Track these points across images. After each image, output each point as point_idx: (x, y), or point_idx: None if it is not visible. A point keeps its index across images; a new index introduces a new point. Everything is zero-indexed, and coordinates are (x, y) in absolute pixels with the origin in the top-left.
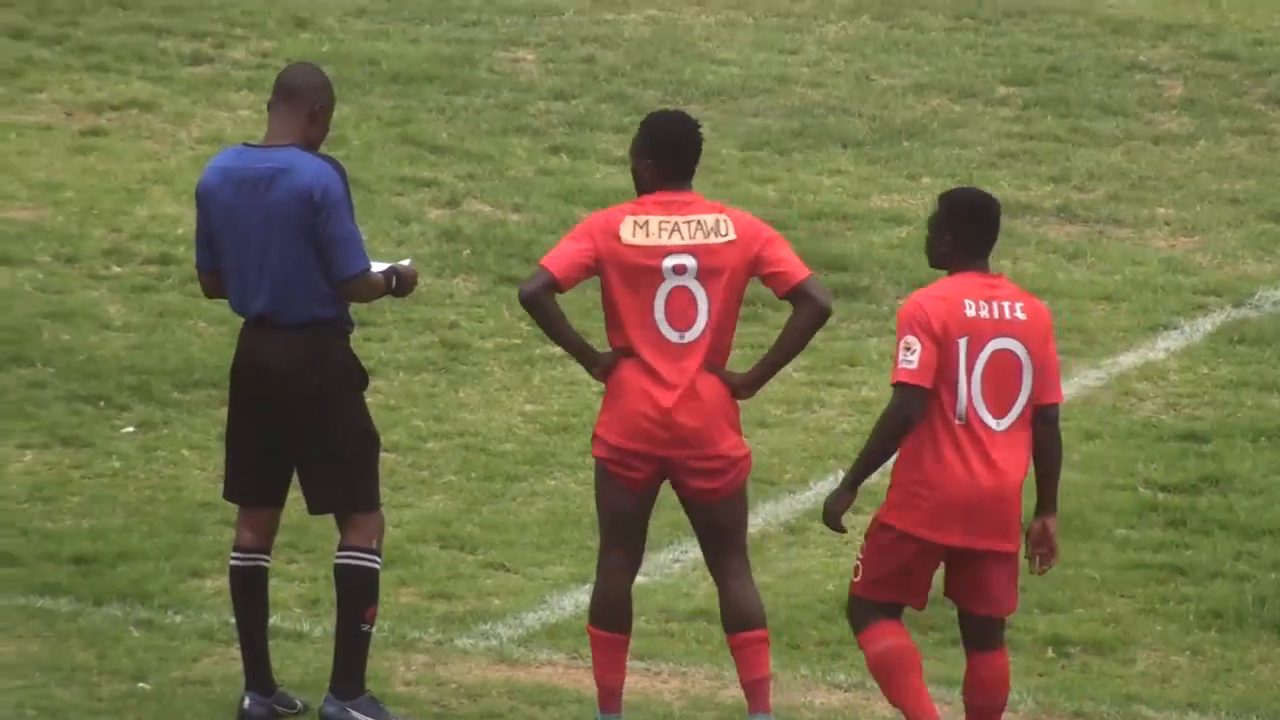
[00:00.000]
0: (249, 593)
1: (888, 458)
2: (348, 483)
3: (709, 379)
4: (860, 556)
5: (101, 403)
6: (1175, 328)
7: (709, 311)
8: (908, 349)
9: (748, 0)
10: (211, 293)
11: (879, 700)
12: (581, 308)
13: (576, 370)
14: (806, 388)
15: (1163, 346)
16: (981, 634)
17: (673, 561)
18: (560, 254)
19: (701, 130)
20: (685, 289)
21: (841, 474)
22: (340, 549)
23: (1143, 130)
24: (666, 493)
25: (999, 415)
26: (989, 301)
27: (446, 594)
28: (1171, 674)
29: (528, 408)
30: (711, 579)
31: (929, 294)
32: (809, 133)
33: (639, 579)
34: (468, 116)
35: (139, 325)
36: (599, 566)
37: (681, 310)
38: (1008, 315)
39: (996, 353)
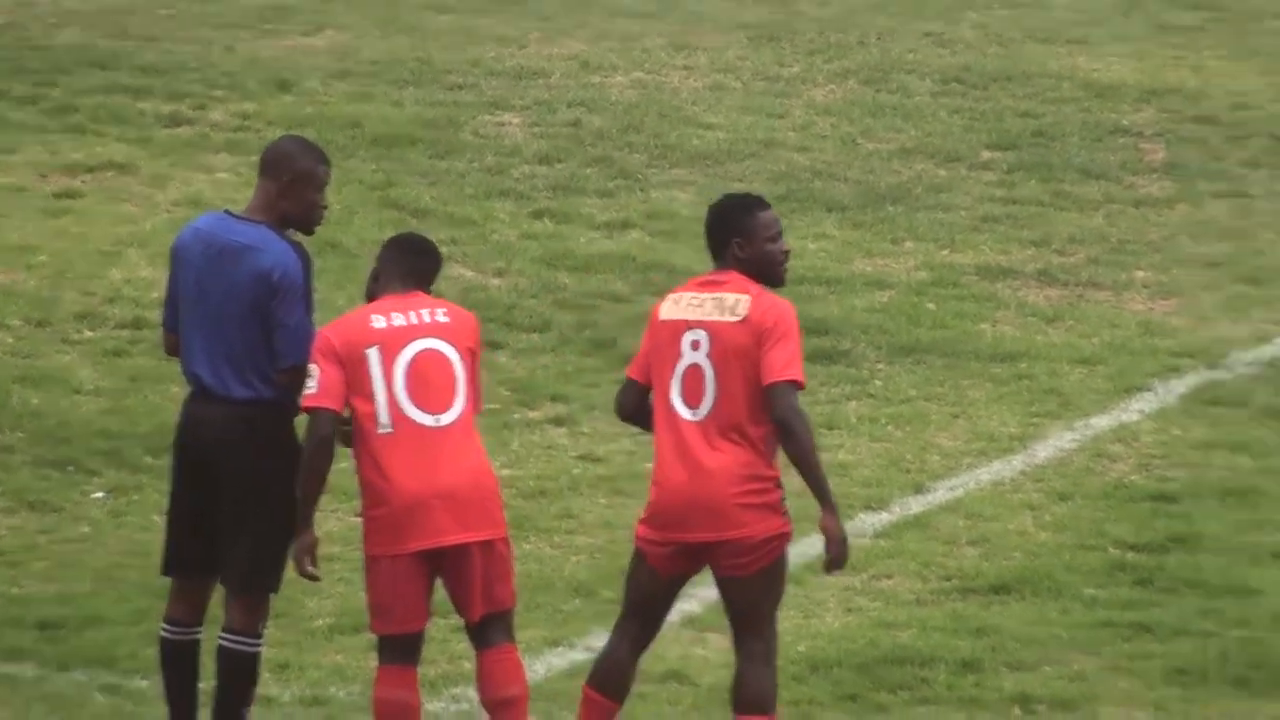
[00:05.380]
0: (180, 667)
1: (319, 483)
2: (254, 563)
3: (720, 455)
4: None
5: (71, 467)
6: (1149, 390)
7: (716, 390)
8: (310, 376)
9: (735, 64)
10: (171, 351)
11: None
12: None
13: (554, 435)
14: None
15: (1137, 408)
16: (484, 632)
17: None
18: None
19: (719, 212)
20: (698, 365)
21: (815, 536)
22: (224, 630)
23: (1124, 194)
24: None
25: (436, 411)
26: (405, 311)
27: None
28: None
29: (505, 472)
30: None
31: (333, 322)
32: (794, 197)
33: None
34: (451, 180)
35: (110, 389)
36: (614, 629)
37: (694, 387)
38: (428, 320)
39: (420, 353)
